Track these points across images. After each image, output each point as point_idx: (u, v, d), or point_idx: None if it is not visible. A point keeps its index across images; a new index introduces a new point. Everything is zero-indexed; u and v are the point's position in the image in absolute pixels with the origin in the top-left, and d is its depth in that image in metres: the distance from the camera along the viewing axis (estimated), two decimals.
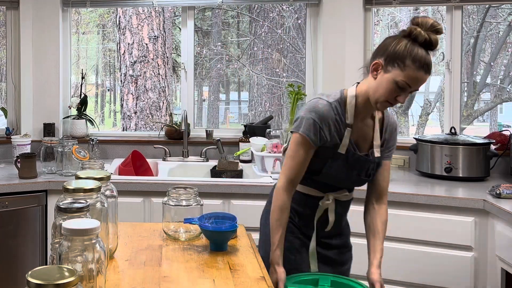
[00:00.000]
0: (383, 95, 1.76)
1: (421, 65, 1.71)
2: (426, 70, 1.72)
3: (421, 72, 1.71)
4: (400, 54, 1.72)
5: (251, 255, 1.74)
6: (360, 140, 1.88)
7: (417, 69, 1.71)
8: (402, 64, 1.71)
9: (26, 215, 2.86)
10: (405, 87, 1.73)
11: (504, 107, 7.04)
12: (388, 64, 1.75)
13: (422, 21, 1.74)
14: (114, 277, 1.54)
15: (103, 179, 1.64)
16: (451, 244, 2.53)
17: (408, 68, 1.71)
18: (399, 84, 1.73)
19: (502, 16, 5.98)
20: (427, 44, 1.72)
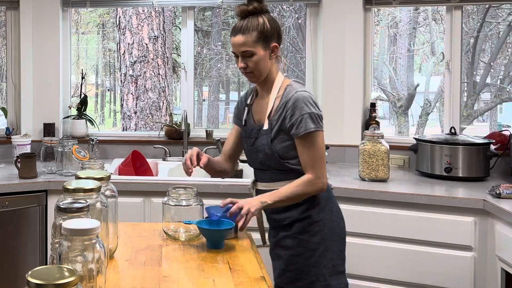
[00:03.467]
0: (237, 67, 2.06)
1: (231, 31, 2.03)
2: (234, 33, 2.00)
3: (232, 36, 2.02)
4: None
5: (251, 255, 1.74)
6: (261, 116, 2.08)
7: (230, 36, 2.05)
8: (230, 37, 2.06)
9: (26, 215, 2.86)
10: (235, 54, 2.03)
11: (504, 107, 7.04)
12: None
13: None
14: (114, 277, 1.54)
15: (103, 179, 1.65)
16: (451, 244, 2.53)
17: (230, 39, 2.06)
18: (234, 54, 2.04)
19: (502, 16, 5.98)
20: (239, 13, 2.02)
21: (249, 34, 1.96)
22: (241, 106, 2.17)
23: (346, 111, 3.43)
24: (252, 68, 1.99)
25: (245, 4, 2.01)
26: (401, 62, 6.42)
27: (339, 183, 2.82)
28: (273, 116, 2.00)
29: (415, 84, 6.18)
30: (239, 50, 1.99)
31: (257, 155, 2.03)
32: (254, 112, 2.10)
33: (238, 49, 1.99)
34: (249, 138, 2.07)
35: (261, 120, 2.06)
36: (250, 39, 1.96)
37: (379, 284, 2.66)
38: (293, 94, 1.96)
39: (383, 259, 2.64)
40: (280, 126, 1.98)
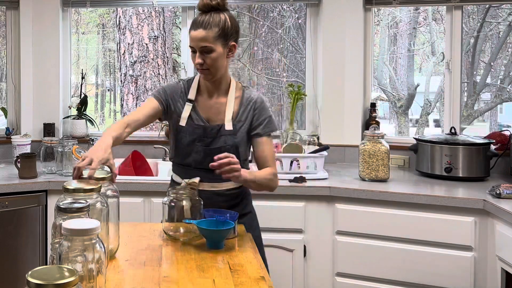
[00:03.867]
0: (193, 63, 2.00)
1: (191, 25, 1.97)
2: (195, 27, 1.95)
3: (191, 30, 1.96)
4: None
5: (251, 255, 1.74)
6: (212, 115, 2.05)
7: (190, 30, 1.98)
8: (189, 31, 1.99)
9: (26, 215, 2.86)
10: (193, 50, 1.97)
11: (504, 107, 7.04)
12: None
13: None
14: (114, 277, 1.54)
15: (105, 179, 1.65)
16: (451, 244, 2.53)
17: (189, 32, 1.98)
18: (191, 50, 1.99)
19: (502, 16, 5.97)
20: (201, 8, 1.98)
21: (211, 29, 1.93)
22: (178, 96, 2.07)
23: (346, 111, 3.43)
24: (209, 65, 1.96)
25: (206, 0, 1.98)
26: (401, 62, 6.41)
27: (339, 183, 2.82)
28: (238, 117, 2.03)
29: (415, 84, 6.18)
30: (198, 45, 1.94)
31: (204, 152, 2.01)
32: (201, 110, 2.05)
33: (197, 43, 1.94)
34: (204, 137, 2.01)
35: (213, 120, 2.04)
36: (211, 34, 1.93)
37: (379, 284, 2.66)
38: (257, 96, 2.07)
39: (383, 259, 2.64)
40: (248, 127, 2.03)
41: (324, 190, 2.76)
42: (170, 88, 2.10)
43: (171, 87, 2.10)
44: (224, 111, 2.04)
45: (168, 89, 2.09)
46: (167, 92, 2.08)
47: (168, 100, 2.06)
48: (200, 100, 2.07)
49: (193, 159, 2.02)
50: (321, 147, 3.09)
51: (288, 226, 2.76)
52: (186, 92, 2.08)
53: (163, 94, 2.07)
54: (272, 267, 2.34)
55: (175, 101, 2.07)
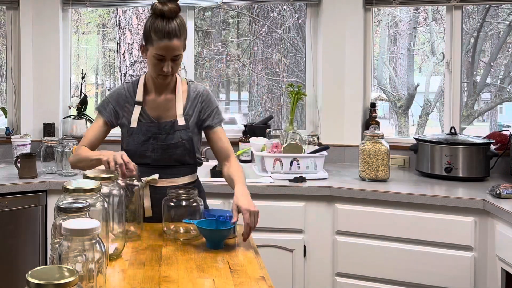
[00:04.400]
0: (152, 71, 1.98)
1: (162, 35, 1.89)
2: (170, 37, 1.89)
3: (165, 40, 1.89)
4: (147, 32, 1.94)
5: (251, 255, 1.74)
6: (162, 113, 2.06)
7: (160, 39, 1.90)
8: (151, 40, 1.93)
9: (26, 215, 2.86)
10: (162, 58, 1.92)
11: (504, 107, 7.03)
12: (146, 44, 1.97)
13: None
14: (114, 277, 1.54)
15: (111, 178, 1.65)
16: (451, 244, 2.53)
17: (155, 42, 1.91)
18: (156, 58, 1.93)
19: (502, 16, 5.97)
20: (163, 15, 1.90)
21: (182, 37, 1.93)
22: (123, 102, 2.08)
23: (346, 111, 3.43)
24: (174, 70, 1.98)
25: (171, 4, 1.93)
26: (401, 62, 6.41)
27: (339, 183, 2.82)
28: (187, 111, 2.05)
29: (415, 84, 6.18)
30: (172, 54, 1.92)
31: (173, 151, 2.04)
32: (150, 110, 2.07)
33: (171, 53, 1.92)
34: (158, 134, 2.03)
35: (163, 117, 2.06)
36: (182, 42, 1.94)
37: (379, 284, 2.66)
38: (202, 88, 2.09)
39: (383, 259, 2.64)
40: (197, 119, 2.06)
41: (324, 190, 2.76)
42: (113, 97, 2.10)
43: (115, 95, 2.10)
44: (173, 107, 2.06)
45: (112, 98, 2.09)
46: (111, 103, 2.08)
47: (114, 111, 2.08)
48: (148, 100, 2.07)
49: (151, 158, 2.04)
50: (321, 147, 3.09)
51: (288, 226, 2.76)
52: (132, 95, 2.08)
53: (107, 108, 2.08)
54: (272, 267, 2.34)
55: (121, 107, 2.08)
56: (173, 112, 2.06)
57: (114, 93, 2.11)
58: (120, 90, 2.11)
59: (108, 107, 2.08)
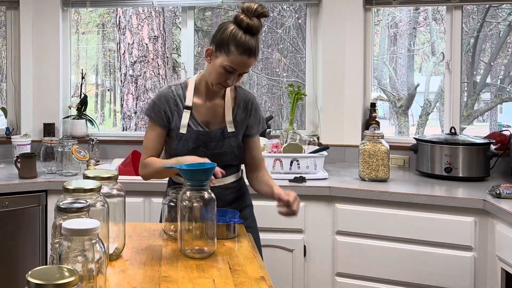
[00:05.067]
0: (214, 79, 1.91)
1: (243, 50, 1.83)
2: (250, 55, 1.84)
3: (244, 56, 1.84)
4: (226, 40, 1.86)
5: (251, 255, 1.74)
6: (210, 118, 2.03)
7: (240, 54, 1.84)
8: (227, 50, 1.85)
9: (26, 215, 2.86)
10: (232, 71, 1.87)
11: (504, 107, 7.03)
12: (217, 50, 1.89)
13: (247, 6, 1.85)
14: (114, 277, 1.54)
15: (111, 178, 1.65)
16: (451, 244, 2.53)
17: (232, 54, 1.84)
18: (226, 69, 1.86)
19: (502, 16, 5.97)
20: (249, 30, 1.83)
21: (258, 56, 1.89)
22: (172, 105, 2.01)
23: (346, 111, 3.43)
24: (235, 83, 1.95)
25: (257, 20, 1.85)
26: (401, 62, 6.41)
27: (339, 183, 2.82)
28: (237, 118, 2.03)
29: (415, 84, 6.18)
30: (244, 70, 1.89)
31: (223, 158, 2.01)
32: (198, 115, 2.02)
33: (244, 69, 1.88)
34: (209, 142, 2.00)
35: (212, 123, 2.02)
36: (256, 61, 1.90)
37: (379, 284, 2.66)
38: (251, 96, 2.08)
39: (383, 259, 2.64)
40: (245, 126, 2.05)
41: (324, 190, 2.76)
42: (161, 100, 2.02)
43: (163, 99, 2.02)
44: (221, 112, 2.03)
45: (160, 102, 2.02)
46: (160, 107, 2.01)
47: (165, 115, 2.01)
48: (196, 104, 2.03)
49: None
50: (321, 147, 3.09)
51: (288, 226, 2.76)
52: (179, 99, 2.02)
53: (158, 112, 2.01)
54: (272, 267, 2.34)
55: (170, 112, 2.02)
56: (221, 117, 2.03)
57: (162, 96, 2.03)
58: (167, 93, 2.03)
59: (159, 111, 2.01)
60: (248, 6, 1.85)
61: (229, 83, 1.91)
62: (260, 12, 1.85)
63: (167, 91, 2.03)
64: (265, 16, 1.86)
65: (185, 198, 1.71)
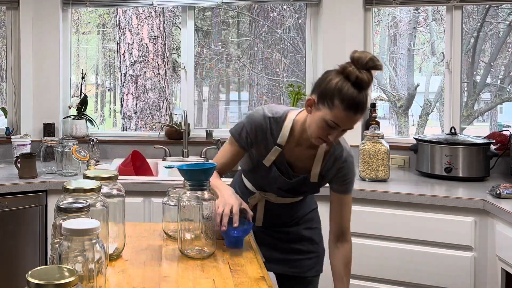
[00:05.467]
0: (314, 132, 1.74)
1: (349, 105, 1.64)
2: (356, 111, 1.65)
3: (350, 112, 1.65)
4: (330, 92, 1.67)
5: (251, 255, 1.74)
6: (297, 162, 1.89)
7: (345, 109, 1.65)
8: (331, 103, 1.67)
9: (26, 215, 2.86)
10: (335, 127, 1.69)
11: (504, 107, 7.04)
12: (319, 102, 1.70)
13: (358, 57, 1.68)
14: (114, 277, 1.54)
15: (111, 178, 1.65)
16: (451, 244, 2.53)
17: (336, 108, 1.66)
18: (328, 123, 1.69)
19: (502, 16, 5.98)
20: (358, 84, 1.65)
21: (365, 111, 1.72)
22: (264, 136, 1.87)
23: None
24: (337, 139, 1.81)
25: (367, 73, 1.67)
26: (401, 62, 6.42)
27: None
28: (324, 172, 1.91)
29: (415, 84, 6.18)
30: (348, 126, 1.72)
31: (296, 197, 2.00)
32: (287, 155, 1.89)
33: (349, 126, 1.71)
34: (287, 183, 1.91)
35: (297, 167, 1.91)
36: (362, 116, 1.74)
37: (379, 284, 2.66)
38: (346, 154, 1.92)
39: (383, 259, 2.64)
40: (329, 180, 1.94)
41: (324, 190, 2.75)
42: (252, 127, 1.87)
43: (254, 126, 1.86)
44: (309, 161, 1.88)
45: (250, 128, 1.87)
46: (249, 133, 1.87)
47: (249, 141, 1.89)
48: (287, 145, 1.88)
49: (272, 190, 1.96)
50: None
51: None
52: (274, 133, 1.86)
53: (244, 136, 1.88)
54: None
55: (258, 141, 1.88)
56: (308, 166, 1.89)
57: (254, 123, 1.87)
58: (261, 124, 1.86)
59: (246, 136, 1.88)
60: (359, 58, 1.68)
61: (330, 139, 1.73)
62: (372, 66, 1.66)
63: (262, 121, 1.86)
64: (378, 69, 1.68)
65: (185, 198, 1.71)
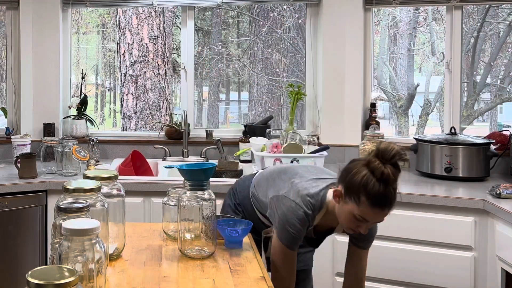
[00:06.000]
0: (344, 223, 1.71)
1: (376, 202, 1.60)
2: (383, 207, 1.61)
3: (376, 209, 1.61)
4: (356, 187, 1.63)
5: (251, 255, 1.74)
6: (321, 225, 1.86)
7: (371, 205, 1.61)
8: (357, 199, 1.62)
9: (26, 215, 2.86)
10: (363, 221, 1.66)
11: (504, 107, 7.04)
12: (346, 195, 1.67)
13: (383, 150, 1.62)
14: (114, 277, 1.54)
15: (111, 178, 1.65)
16: (451, 244, 2.53)
17: (363, 204, 1.62)
18: (356, 218, 1.65)
19: (502, 16, 5.98)
20: (384, 180, 1.60)
21: (394, 206, 1.65)
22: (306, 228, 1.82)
23: (346, 111, 3.43)
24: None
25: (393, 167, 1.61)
26: (401, 62, 6.42)
27: None
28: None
29: (415, 84, 6.18)
30: (377, 221, 1.68)
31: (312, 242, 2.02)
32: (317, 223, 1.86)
33: (377, 220, 1.67)
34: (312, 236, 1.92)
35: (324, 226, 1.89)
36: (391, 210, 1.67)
37: (379, 284, 2.66)
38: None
39: (383, 259, 2.64)
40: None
41: None
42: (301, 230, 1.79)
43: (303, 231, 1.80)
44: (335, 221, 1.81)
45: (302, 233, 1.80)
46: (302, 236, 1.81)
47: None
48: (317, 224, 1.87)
49: None
50: (321, 147, 3.09)
51: None
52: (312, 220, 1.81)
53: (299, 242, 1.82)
54: None
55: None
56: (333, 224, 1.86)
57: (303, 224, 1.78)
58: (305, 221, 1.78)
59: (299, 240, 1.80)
60: (385, 150, 1.62)
61: (361, 231, 1.69)
62: (400, 159, 1.62)
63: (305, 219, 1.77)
64: (405, 160, 1.64)
65: (185, 198, 1.71)
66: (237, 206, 2.12)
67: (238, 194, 2.14)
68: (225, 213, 2.08)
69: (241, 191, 2.13)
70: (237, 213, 2.09)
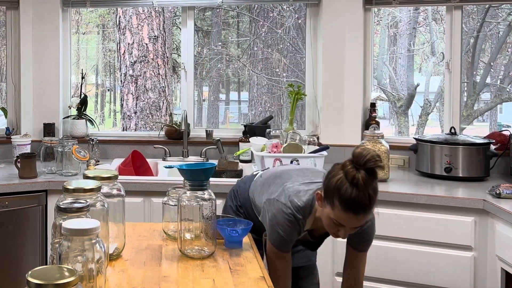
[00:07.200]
0: (326, 227, 1.70)
1: (348, 206, 1.57)
2: (356, 212, 1.57)
3: (349, 213, 1.57)
4: (330, 191, 1.61)
5: (251, 255, 1.74)
6: (317, 229, 1.86)
7: (344, 210, 1.58)
8: (332, 202, 1.61)
9: (26, 215, 2.86)
10: (340, 225, 1.63)
11: (504, 107, 7.04)
12: (324, 199, 1.65)
13: (358, 154, 1.60)
14: (114, 277, 1.54)
15: (111, 178, 1.65)
16: (451, 244, 2.53)
17: (337, 208, 1.60)
18: (334, 222, 1.63)
19: (502, 16, 5.98)
20: (355, 184, 1.56)
21: (371, 210, 1.62)
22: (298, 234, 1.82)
23: (346, 111, 3.43)
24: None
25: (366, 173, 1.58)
26: (401, 62, 6.42)
27: None
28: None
29: (415, 84, 6.18)
30: (353, 226, 1.64)
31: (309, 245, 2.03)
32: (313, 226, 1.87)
33: (353, 225, 1.63)
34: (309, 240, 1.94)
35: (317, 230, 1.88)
36: (370, 215, 1.64)
37: (379, 284, 2.66)
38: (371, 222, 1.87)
39: (383, 259, 2.64)
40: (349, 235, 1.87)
41: None
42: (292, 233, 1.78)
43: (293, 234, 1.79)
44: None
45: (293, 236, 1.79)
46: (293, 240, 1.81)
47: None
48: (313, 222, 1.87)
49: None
50: (321, 147, 3.09)
51: None
52: (302, 225, 1.79)
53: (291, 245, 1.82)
54: None
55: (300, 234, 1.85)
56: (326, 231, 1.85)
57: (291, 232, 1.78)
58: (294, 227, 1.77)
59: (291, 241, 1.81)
60: (359, 155, 1.59)
61: (340, 235, 1.67)
62: (375, 166, 1.58)
63: (295, 222, 1.76)
64: (381, 168, 1.60)
65: (185, 198, 1.71)
66: (239, 208, 2.12)
67: (239, 196, 2.14)
68: (226, 214, 2.09)
69: (242, 193, 2.13)
70: (239, 215, 2.09)
